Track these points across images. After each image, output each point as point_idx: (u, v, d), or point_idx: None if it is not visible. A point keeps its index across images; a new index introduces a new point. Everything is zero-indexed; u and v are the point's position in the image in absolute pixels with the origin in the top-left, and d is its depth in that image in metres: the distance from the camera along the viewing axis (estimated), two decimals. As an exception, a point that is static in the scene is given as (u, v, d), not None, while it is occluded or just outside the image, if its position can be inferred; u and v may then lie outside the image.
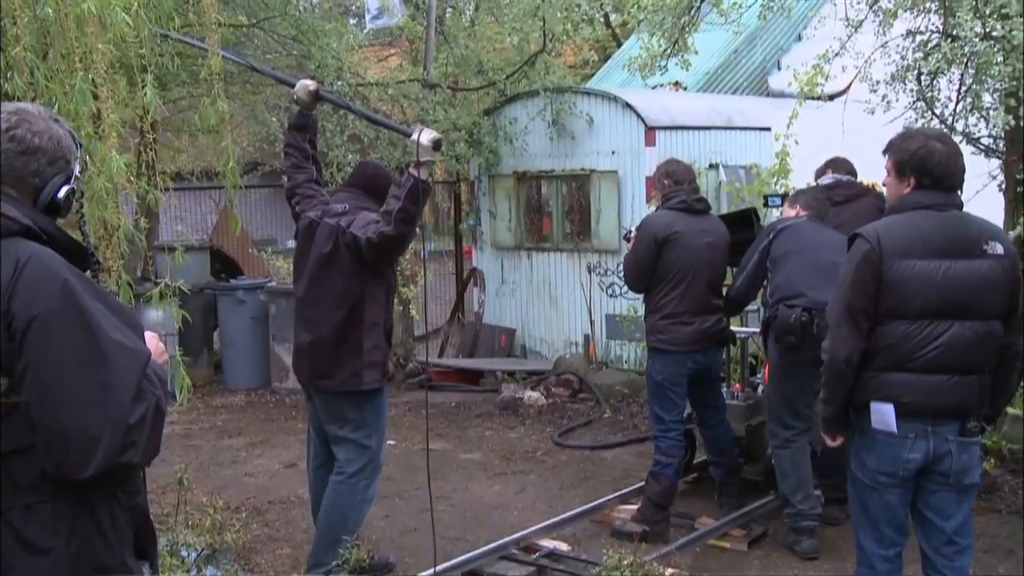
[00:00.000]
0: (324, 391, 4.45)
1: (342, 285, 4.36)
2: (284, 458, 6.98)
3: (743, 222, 5.67)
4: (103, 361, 1.94)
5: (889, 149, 3.43)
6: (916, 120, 6.21)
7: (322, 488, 4.56)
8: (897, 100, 6.37)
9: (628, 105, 8.77)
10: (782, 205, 5.55)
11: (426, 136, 4.10)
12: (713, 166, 8.84)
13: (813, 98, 7.14)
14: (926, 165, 3.26)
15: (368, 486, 4.51)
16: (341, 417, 4.46)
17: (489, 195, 10.02)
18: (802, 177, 7.26)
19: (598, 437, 7.40)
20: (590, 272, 9.16)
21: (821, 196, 5.24)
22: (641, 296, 5.46)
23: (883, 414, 3.24)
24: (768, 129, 8.48)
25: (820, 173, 5.64)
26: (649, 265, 5.19)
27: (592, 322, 9.11)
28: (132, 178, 3.83)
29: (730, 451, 5.58)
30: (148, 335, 2.19)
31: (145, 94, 3.69)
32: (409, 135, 4.14)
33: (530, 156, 9.54)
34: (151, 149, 4.14)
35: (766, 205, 5.90)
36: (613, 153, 8.90)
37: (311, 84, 4.52)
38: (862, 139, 5.76)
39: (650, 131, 8.60)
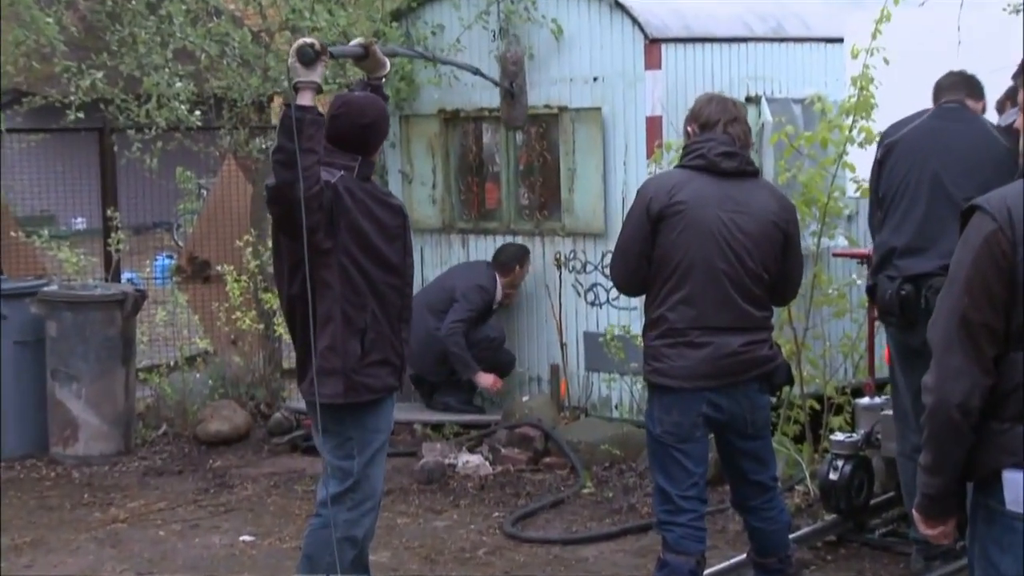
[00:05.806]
0: None
1: (286, 268, 5.21)
2: (69, 568, 6.92)
3: None
4: None
5: (1022, 73, 3.41)
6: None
7: None
8: None
9: (618, 5, 8.79)
10: None
11: (292, 50, 4.94)
12: (752, 100, 8.87)
13: (914, -7, 7.15)
14: (1082, 97, 3.26)
15: (349, 521, 5.21)
16: (321, 428, 5.32)
17: (401, 147, 9.98)
18: (892, 115, 7.26)
19: (574, 526, 7.46)
20: (560, 267, 9.20)
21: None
22: (639, 304, 5.57)
23: (1022, 489, 3.22)
24: (839, 41, 8.52)
25: (1000, 107, 5.88)
26: (639, 251, 5.26)
27: (564, 345, 9.14)
28: None
29: (782, 550, 5.63)
30: None
31: None
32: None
33: (465, 86, 9.53)
34: None
35: None
36: (595, 80, 8.93)
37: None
38: (987, 57, 5.77)
39: (653, 45, 8.62)
